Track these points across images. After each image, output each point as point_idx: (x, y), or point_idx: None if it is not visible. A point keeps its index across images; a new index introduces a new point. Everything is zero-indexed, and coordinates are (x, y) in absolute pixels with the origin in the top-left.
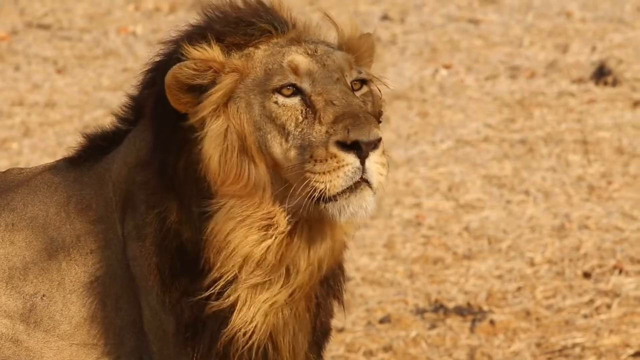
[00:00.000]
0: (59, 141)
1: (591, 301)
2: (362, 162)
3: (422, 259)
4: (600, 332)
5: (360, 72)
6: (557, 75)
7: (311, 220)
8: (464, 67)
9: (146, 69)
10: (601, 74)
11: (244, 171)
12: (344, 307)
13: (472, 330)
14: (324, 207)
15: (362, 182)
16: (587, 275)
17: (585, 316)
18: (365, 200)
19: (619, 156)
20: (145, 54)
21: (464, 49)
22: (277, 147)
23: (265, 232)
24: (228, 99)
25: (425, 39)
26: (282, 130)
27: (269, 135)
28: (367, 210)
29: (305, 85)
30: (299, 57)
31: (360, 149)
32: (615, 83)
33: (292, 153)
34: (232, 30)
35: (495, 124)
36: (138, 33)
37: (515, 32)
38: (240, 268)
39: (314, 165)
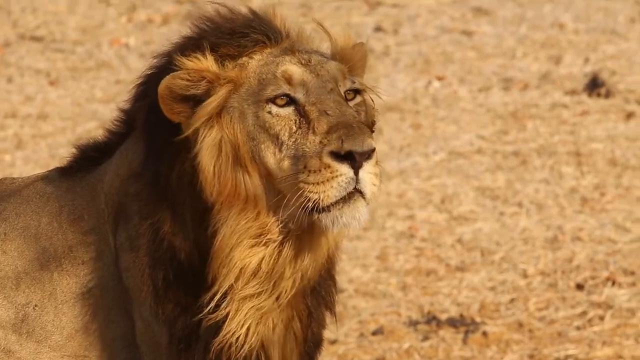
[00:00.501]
0: (51, 153)
1: (584, 313)
2: (356, 173)
3: (415, 270)
4: (593, 344)
5: (353, 82)
6: (550, 86)
7: (301, 230)
8: (457, 79)
9: (138, 81)
10: (594, 85)
11: (240, 182)
12: (335, 317)
13: (465, 341)
14: (317, 217)
15: (355, 192)
16: (580, 287)
17: (578, 328)
18: (359, 211)
19: (612, 168)
20: (138, 66)
21: (457, 60)
22: (271, 157)
23: (260, 243)
24: (221, 109)
25: (418, 51)
26: (276, 140)
27: (262, 145)
28: (360, 221)
29: (299, 95)
30: (292, 67)
31: (354, 160)
32: (608, 94)
33: (286, 163)
34: (226, 41)
35: (488, 135)
36: (131, 45)
37: (509, 43)
38: (237, 279)
39: (308, 175)
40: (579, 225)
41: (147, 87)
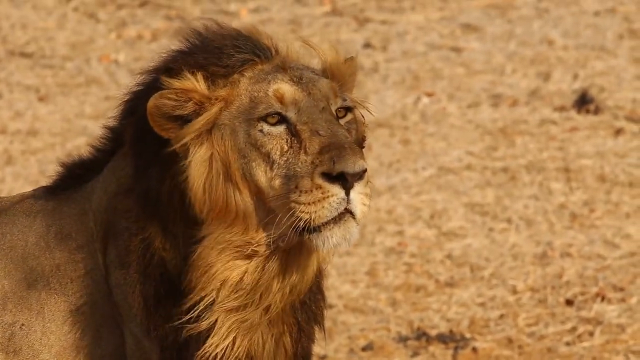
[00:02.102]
0: (41, 169)
1: (574, 329)
2: (347, 193)
3: (404, 286)
4: (583, 359)
5: (344, 100)
6: (539, 103)
7: (290, 246)
8: (446, 95)
9: (125, 98)
10: (583, 102)
11: (230, 199)
12: (324, 332)
13: (454, 357)
14: (308, 237)
15: (346, 213)
16: (569, 302)
17: (567, 344)
18: (349, 231)
19: (601, 184)
20: (128, 82)
21: (446, 76)
22: (262, 175)
23: (243, 256)
24: (212, 126)
25: (407, 67)
26: (267, 159)
27: (253, 163)
28: (350, 241)
29: (291, 114)
30: (284, 86)
31: (345, 180)
32: (597, 111)
33: (277, 182)
34: (215, 61)
35: (478, 151)
36: (120, 61)
37: (498, 60)
38: (219, 291)
39: (299, 195)
40: (568, 241)
41: (135, 104)
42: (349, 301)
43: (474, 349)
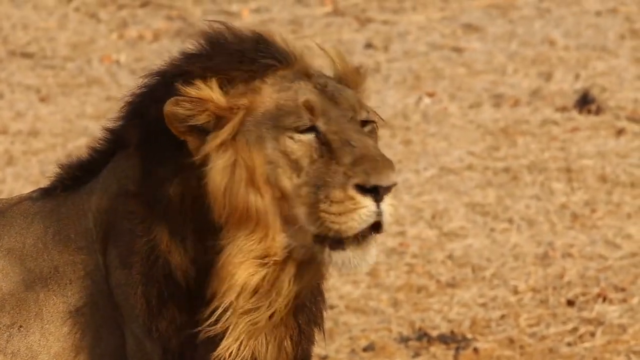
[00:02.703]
0: (42, 169)
1: (575, 329)
2: (377, 205)
3: (405, 287)
4: None
5: (368, 112)
6: (540, 103)
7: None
8: (448, 95)
9: (129, 99)
10: (585, 102)
11: (251, 204)
12: (324, 333)
13: (456, 358)
14: (329, 255)
15: (370, 234)
16: (570, 303)
17: (569, 344)
18: (370, 253)
19: (603, 184)
20: (129, 83)
21: (448, 77)
22: (288, 182)
23: (264, 265)
24: (236, 132)
25: (408, 67)
26: (295, 166)
27: (279, 170)
28: (370, 264)
29: (320, 123)
30: (313, 97)
31: (377, 193)
32: (598, 111)
33: (305, 190)
34: (236, 65)
35: (479, 151)
36: (121, 61)
37: (499, 60)
38: (238, 296)
39: (330, 205)
40: (570, 242)
41: (141, 106)
42: (350, 302)
43: (476, 350)
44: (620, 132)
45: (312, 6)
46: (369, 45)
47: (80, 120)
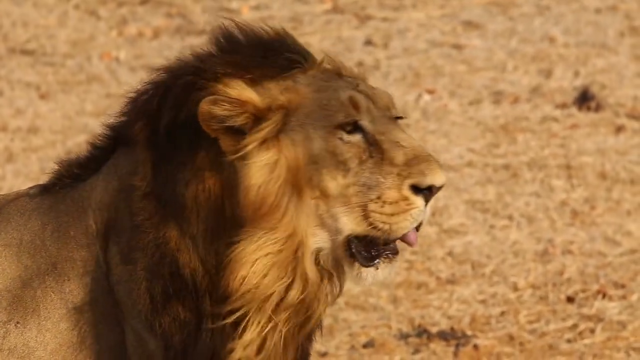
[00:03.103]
0: (42, 166)
1: (575, 326)
2: (425, 205)
3: (405, 283)
4: (584, 356)
5: (396, 109)
6: (540, 100)
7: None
8: (448, 92)
9: (137, 96)
10: (584, 99)
11: (282, 202)
12: (321, 331)
13: (455, 355)
14: (358, 267)
15: (396, 254)
16: (570, 299)
17: (568, 341)
18: (394, 268)
19: (602, 181)
20: (129, 80)
21: (448, 74)
22: (332, 182)
23: (284, 262)
24: (278, 132)
25: (408, 64)
26: (343, 167)
27: (324, 170)
28: (390, 278)
29: (365, 123)
30: (356, 94)
31: (430, 193)
32: (598, 108)
33: (352, 190)
34: (261, 62)
35: (479, 148)
36: (121, 58)
37: (499, 57)
38: (256, 292)
39: (382, 206)
40: (570, 239)
41: (150, 103)
42: (350, 298)
43: (475, 346)
44: (619, 129)
45: (311, 3)
46: (368, 43)
47: (80, 117)
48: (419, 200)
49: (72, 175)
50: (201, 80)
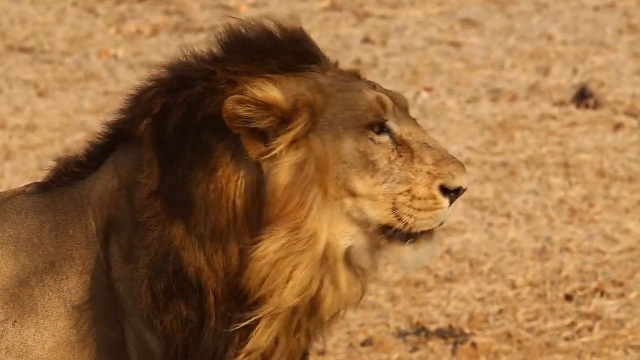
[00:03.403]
0: (40, 164)
1: (573, 324)
2: (449, 206)
3: (403, 282)
4: (582, 355)
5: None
6: (538, 98)
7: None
8: (446, 90)
9: (140, 95)
10: (583, 97)
11: (307, 201)
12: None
13: (454, 353)
14: (399, 244)
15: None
16: (569, 298)
17: (567, 339)
18: (435, 248)
19: (601, 179)
20: (127, 77)
21: (446, 71)
22: (360, 182)
23: (321, 277)
24: (308, 131)
25: (406, 62)
26: (372, 167)
27: (353, 170)
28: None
29: (392, 124)
30: (382, 95)
31: (457, 195)
32: (596, 106)
33: (381, 188)
34: (281, 60)
35: (477, 146)
36: (120, 56)
37: (497, 55)
38: (292, 301)
39: (412, 200)
40: (568, 237)
41: (155, 102)
42: None
43: (474, 344)
44: (618, 126)
45: (310, 1)
46: (366, 40)
47: (79, 115)
48: (445, 202)
49: (70, 174)
50: (217, 80)
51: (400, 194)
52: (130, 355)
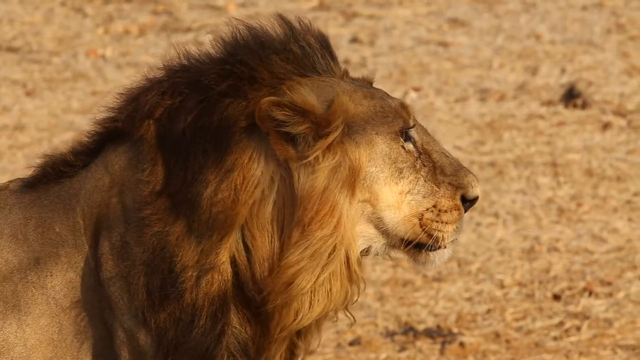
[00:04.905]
0: (28, 164)
1: (561, 323)
2: None
3: (391, 281)
4: (570, 354)
5: None
6: (526, 97)
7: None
8: (434, 90)
9: (134, 94)
10: (571, 96)
11: (338, 203)
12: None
13: (442, 352)
14: (425, 254)
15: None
16: (556, 297)
17: (555, 338)
18: (456, 245)
19: (589, 178)
20: (115, 77)
21: (434, 71)
22: (385, 187)
23: (349, 280)
24: (342, 135)
25: (394, 62)
26: (398, 174)
27: (381, 174)
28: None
29: (414, 132)
30: (405, 102)
31: (472, 204)
32: (584, 105)
33: (405, 198)
34: (303, 64)
35: (465, 146)
36: (107, 56)
37: (485, 54)
38: (317, 311)
39: (439, 214)
40: (556, 236)
41: (163, 103)
42: None
43: (462, 344)
44: (606, 126)
45: (298, 0)
46: (354, 40)
47: (66, 114)
48: (463, 211)
49: (57, 172)
50: (236, 82)
51: (427, 210)
52: (118, 354)
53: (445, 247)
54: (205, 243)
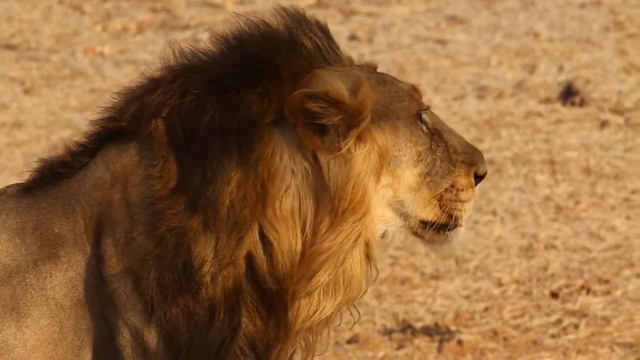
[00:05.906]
0: (26, 161)
1: (559, 321)
2: None
3: (389, 279)
4: (568, 352)
5: None
6: (524, 95)
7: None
8: (432, 87)
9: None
10: (569, 94)
11: (369, 189)
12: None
13: (439, 350)
14: (444, 235)
15: None
16: (554, 295)
17: (553, 336)
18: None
19: (587, 176)
20: (113, 75)
21: (432, 69)
22: (407, 170)
23: (367, 266)
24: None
25: (392, 59)
26: (418, 156)
27: (404, 158)
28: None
29: (425, 115)
30: (415, 85)
31: (480, 180)
32: (582, 103)
33: (424, 180)
34: (319, 54)
35: None
36: (106, 53)
37: (483, 52)
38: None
39: (457, 194)
40: (554, 234)
41: (172, 101)
42: None
43: (459, 342)
44: (604, 124)
45: None
46: (352, 38)
47: (65, 112)
48: (475, 188)
49: (55, 174)
50: (256, 80)
51: (446, 190)
52: (119, 351)
53: (461, 225)
54: (225, 238)
